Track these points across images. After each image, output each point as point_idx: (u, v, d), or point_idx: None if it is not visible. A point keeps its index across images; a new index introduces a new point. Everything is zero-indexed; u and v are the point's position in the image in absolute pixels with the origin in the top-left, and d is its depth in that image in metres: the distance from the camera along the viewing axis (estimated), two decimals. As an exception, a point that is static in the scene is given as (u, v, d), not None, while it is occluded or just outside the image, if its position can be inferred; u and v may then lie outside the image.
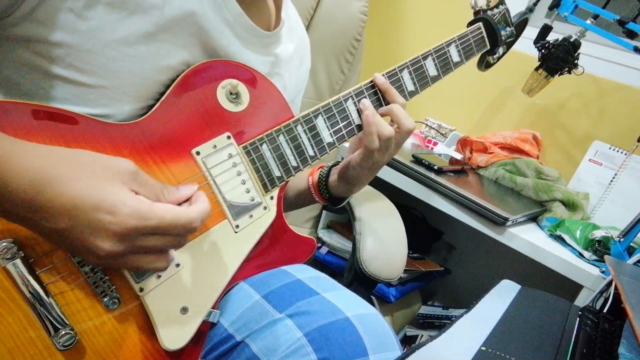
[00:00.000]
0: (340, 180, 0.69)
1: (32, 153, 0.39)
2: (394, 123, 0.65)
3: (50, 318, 0.44)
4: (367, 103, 0.64)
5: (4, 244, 0.42)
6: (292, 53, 0.69)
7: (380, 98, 0.67)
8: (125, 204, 0.39)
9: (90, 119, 0.47)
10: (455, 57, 0.73)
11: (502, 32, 0.78)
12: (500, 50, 0.82)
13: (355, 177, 0.67)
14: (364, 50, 1.14)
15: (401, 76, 0.68)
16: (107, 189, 0.40)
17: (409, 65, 0.69)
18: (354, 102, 0.65)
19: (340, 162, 0.71)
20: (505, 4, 0.78)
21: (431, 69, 0.71)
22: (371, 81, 0.66)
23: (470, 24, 0.76)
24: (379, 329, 0.52)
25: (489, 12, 0.76)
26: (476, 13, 0.76)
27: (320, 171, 0.73)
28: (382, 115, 0.65)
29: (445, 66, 0.72)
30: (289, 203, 0.78)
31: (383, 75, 0.66)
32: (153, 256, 0.43)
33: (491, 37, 0.77)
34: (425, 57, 0.70)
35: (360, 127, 0.66)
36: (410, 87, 0.70)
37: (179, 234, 0.44)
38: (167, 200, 0.45)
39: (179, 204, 0.46)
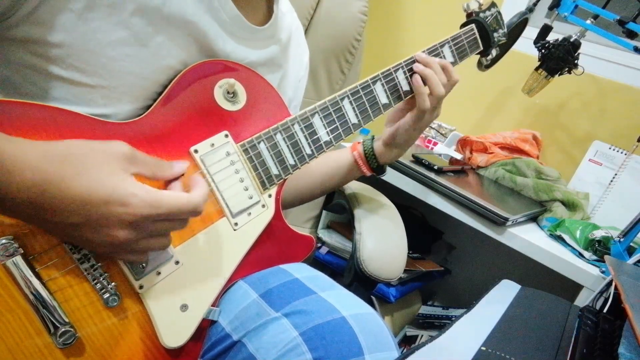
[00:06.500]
0: (388, 147, 0.76)
1: (29, 151, 0.39)
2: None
3: (50, 316, 0.44)
4: (420, 67, 0.69)
5: (4, 240, 0.42)
6: (288, 41, 0.69)
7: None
8: (135, 195, 0.42)
9: (89, 118, 0.47)
10: (449, 58, 0.73)
11: (495, 34, 0.78)
12: (494, 52, 0.82)
13: (407, 140, 0.74)
14: (364, 50, 1.14)
15: (396, 76, 0.68)
16: (112, 180, 0.41)
17: (404, 66, 0.69)
18: (350, 101, 0.65)
19: (374, 136, 0.78)
20: (496, 7, 0.79)
21: None
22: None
23: (463, 25, 0.77)
24: (375, 329, 0.52)
25: (481, 15, 0.76)
26: (469, 15, 0.77)
27: (364, 144, 0.77)
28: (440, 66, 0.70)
29: None
30: (320, 181, 0.81)
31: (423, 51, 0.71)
32: (161, 238, 0.47)
33: (484, 38, 0.78)
34: None
35: (356, 125, 0.67)
36: (405, 87, 0.70)
37: (185, 218, 0.49)
38: (162, 176, 0.48)
39: (175, 179, 0.50)
